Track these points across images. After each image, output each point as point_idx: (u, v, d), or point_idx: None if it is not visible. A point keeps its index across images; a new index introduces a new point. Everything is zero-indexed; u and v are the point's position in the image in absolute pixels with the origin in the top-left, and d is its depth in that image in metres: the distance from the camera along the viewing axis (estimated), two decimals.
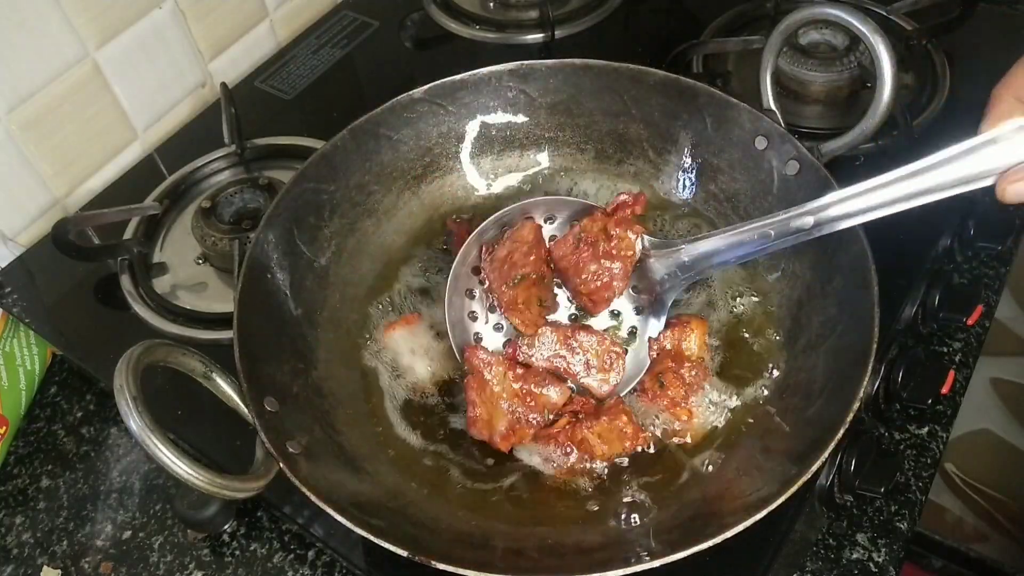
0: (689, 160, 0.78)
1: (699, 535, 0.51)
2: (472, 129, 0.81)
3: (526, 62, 0.79)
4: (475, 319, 0.72)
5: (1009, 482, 1.38)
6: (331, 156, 0.75)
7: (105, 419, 0.81)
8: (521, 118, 0.81)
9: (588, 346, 0.68)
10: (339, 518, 0.53)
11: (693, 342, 0.68)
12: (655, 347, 0.69)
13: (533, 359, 0.68)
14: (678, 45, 0.96)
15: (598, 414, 0.65)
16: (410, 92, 0.77)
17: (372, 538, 0.52)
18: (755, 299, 0.72)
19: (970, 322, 0.77)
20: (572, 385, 0.68)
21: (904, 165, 0.55)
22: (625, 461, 0.65)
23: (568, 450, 0.64)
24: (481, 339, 0.71)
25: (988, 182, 0.52)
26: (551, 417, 0.66)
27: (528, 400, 0.66)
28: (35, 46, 0.85)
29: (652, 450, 0.65)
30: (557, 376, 0.68)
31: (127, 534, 0.72)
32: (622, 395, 0.68)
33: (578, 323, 0.71)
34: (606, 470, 0.64)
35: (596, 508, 0.62)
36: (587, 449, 0.64)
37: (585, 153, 0.82)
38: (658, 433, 0.66)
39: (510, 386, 0.66)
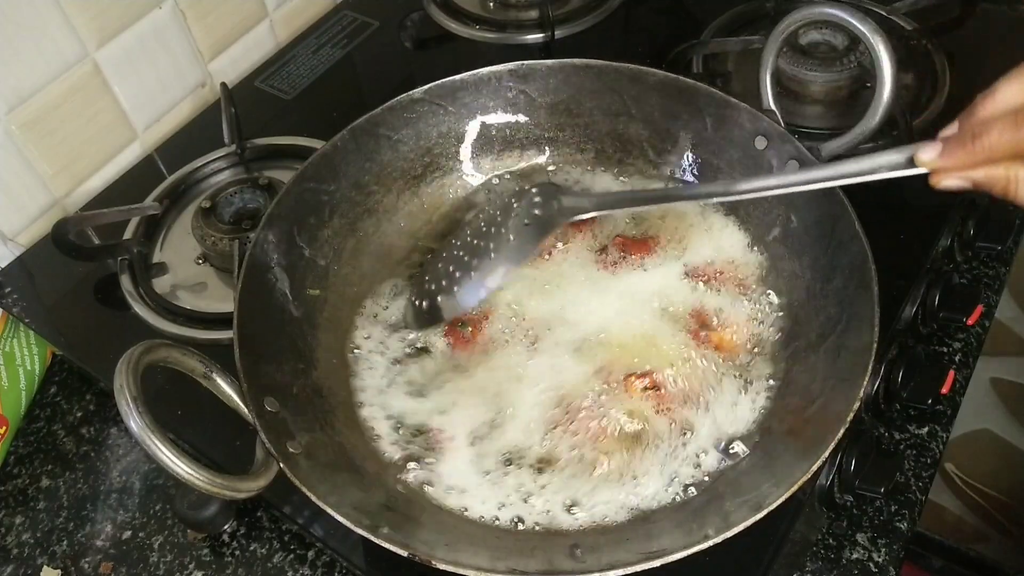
0: (689, 160, 0.78)
1: (699, 535, 0.51)
2: (472, 129, 0.81)
3: (526, 62, 0.78)
4: None
5: (1009, 482, 1.38)
6: (331, 156, 0.75)
7: (105, 419, 0.81)
8: (521, 118, 0.81)
9: None
10: (339, 518, 0.53)
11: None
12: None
13: None
14: (678, 45, 0.96)
15: None
16: (410, 92, 0.77)
17: (372, 538, 0.52)
18: None
19: (970, 322, 0.77)
20: None
21: None
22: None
23: None
24: None
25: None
26: None
27: None
28: (35, 46, 0.85)
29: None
30: None
31: (127, 534, 0.72)
32: None
33: None
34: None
35: None
36: None
37: (585, 153, 0.82)
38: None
39: None
